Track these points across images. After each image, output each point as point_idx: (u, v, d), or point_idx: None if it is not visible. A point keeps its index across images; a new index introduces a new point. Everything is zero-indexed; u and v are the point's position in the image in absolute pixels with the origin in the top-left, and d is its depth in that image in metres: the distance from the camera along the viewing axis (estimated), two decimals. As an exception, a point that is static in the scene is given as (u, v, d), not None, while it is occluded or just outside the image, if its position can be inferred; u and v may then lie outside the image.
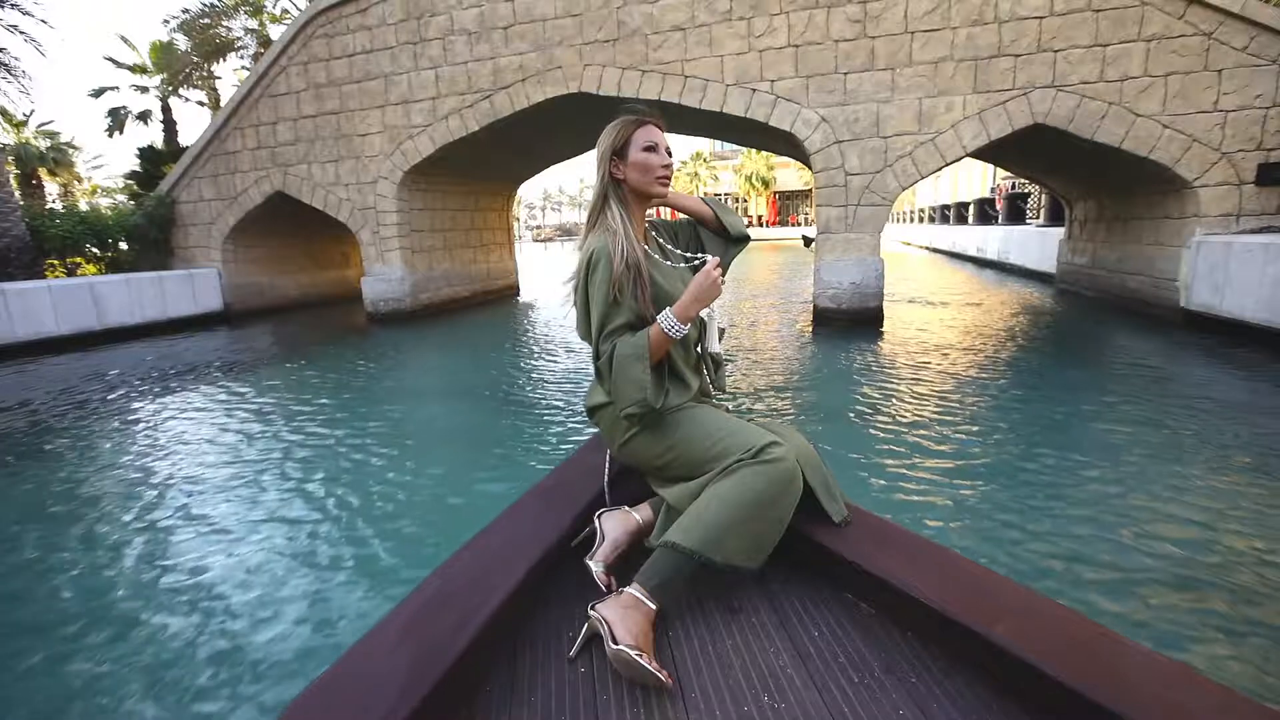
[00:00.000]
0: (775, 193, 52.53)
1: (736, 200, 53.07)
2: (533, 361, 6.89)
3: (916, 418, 4.27)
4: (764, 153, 43.52)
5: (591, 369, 1.47)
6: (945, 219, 24.35)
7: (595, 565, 1.31)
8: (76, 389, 6.35)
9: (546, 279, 17.63)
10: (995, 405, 4.59)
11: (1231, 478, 3.18)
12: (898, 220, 37.08)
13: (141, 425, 5.00)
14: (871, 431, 4.05)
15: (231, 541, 2.94)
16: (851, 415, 4.42)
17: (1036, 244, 13.16)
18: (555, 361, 6.75)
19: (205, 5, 16.75)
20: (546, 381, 5.92)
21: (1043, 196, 15.02)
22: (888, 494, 3.12)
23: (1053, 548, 2.57)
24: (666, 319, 1.29)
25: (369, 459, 3.98)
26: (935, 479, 3.28)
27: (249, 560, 2.76)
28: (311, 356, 7.62)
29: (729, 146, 45.42)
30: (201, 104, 19.30)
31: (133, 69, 18.10)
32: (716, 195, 33.36)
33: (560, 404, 5.05)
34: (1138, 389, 4.87)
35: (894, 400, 4.71)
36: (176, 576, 2.67)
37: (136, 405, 5.62)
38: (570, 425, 4.44)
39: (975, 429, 4.06)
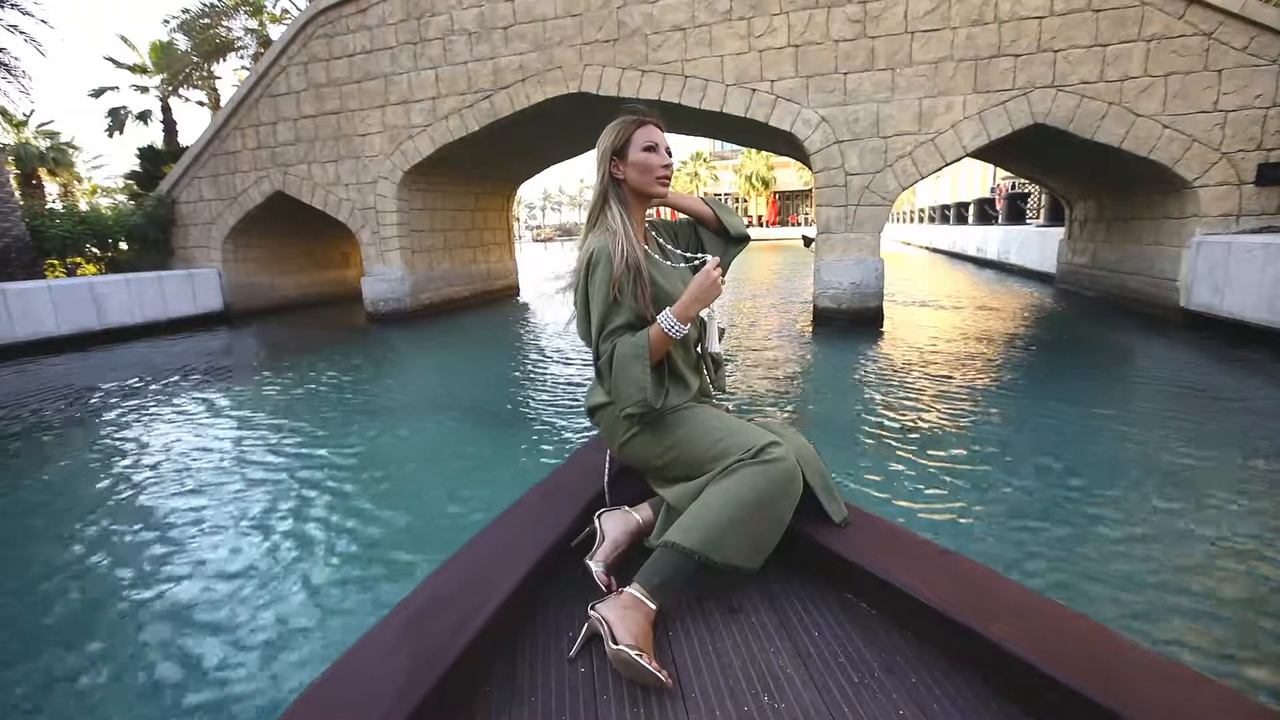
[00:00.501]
0: (775, 193, 52.54)
1: (736, 200, 53.07)
2: (532, 362, 6.88)
3: (917, 418, 4.27)
4: (764, 153, 43.52)
5: (591, 369, 1.46)
6: (945, 219, 24.34)
7: (595, 565, 1.31)
8: (63, 391, 6.35)
9: (546, 279, 17.60)
10: (998, 407, 4.59)
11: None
12: (898, 220, 37.08)
13: (134, 431, 5.00)
14: (872, 432, 4.05)
15: (218, 552, 2.91)
16: (852, 415, 4.42)
17: (1036, 244, 13.16)
18: (554, 362, 6.75)
19: (205, 5, 16.74)
20: (546, 381, 5.91)
21: (1043, 196, 15.02)
22: (888, 494, 3.12)
23: (1059, 548, 2.58)
24: (666, 319, 1.29)
25: (359, 468, 3.97)
26: (937, 480, 3.28)
27: (235, 568, 2.76)
28: (313, 358, 7.61)
29: (729, 146, 45.40)
30: (201, 104, 19.30)
31: (133, 69, 18.10)
32: (716, 195, 33.35)
33: (560, 405, 5.05)
34: (1153, 394, 4.87)
35: (895, 400, 4.71)
36: (161, 584, 2.67)
37: (131, 410, 5.61)
38: (570, 426, 4.43)
39: (976, 429, 4.06)
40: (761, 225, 51.04)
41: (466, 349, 8.22)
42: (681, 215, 1.67)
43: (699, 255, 1.56)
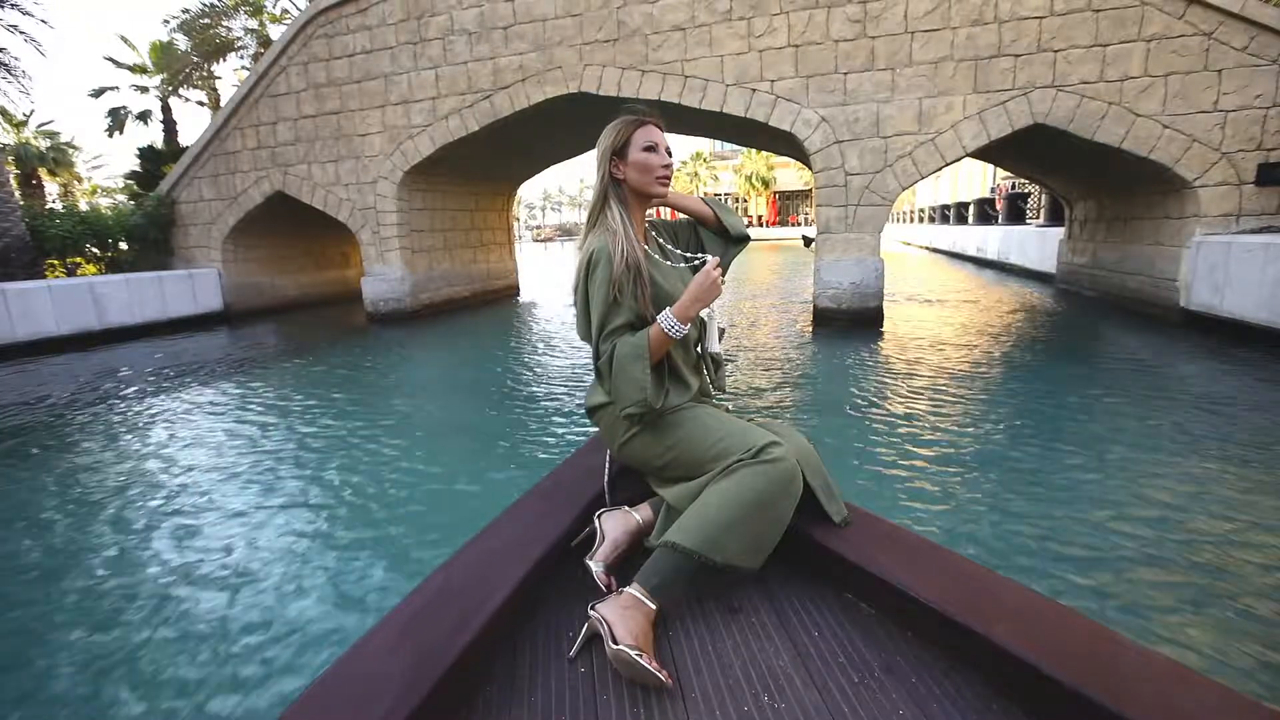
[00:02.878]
0: (775, 193, 52.53)
1: (736, 200, 53.06)
2: (532, 362, 6.88)
3: (918, 419, 4.27)
4: (764, 153, 43.52)
5: (591, 369, 1.46)
6: (945, 219, 24.35)
7: (595, 565, 1.31)
8: (63, 392, 6.35)
9: (546, 279, 17.62)
10: (998, 408, 4.59)
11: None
12: (898, 220, 37.08)
13: (133, 431, 5.00)
14: (873, 432, 4.05)
15: (215, 550, 2.91)
16: (852, 416, 4.42)
17: (1036, 244, 13.16)
18: (554, 363, 6.75)
19: (205, 5, 16.75)
20: (546, 382, 5.91)
21: (1043, 196, 15.02)
22: (889, 495, 3.12)
23: (1059, 549, 2.58)
24: (666, 319, 1.29)
25: (367, 464, 3.97)
26: (937, 481, 3.28)
27: (229, 568, 2.76)
28: (312, 358, 7.61)
29: (729, 146, 45.44)
30: (201, 104, 19.31)
31: (133, 69, 18.10)
32: (716, 195, 33.36)
33: (560, 405, 5.05)
34: (1155, 394, 4.87)
35: (895, 401, 4.71)
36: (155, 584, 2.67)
37: (129, 411, 5.61)
38: (570, 427, 4.43)
39: (976, 430, 4.06)
40: (761, 225, 51.03)
41: (467, 349, 8.22)
42: (681, 215, 1.67)
43: (699, 255, 1.56)
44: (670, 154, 1.45)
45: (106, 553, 2.94)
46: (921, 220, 31.09)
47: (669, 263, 1.50)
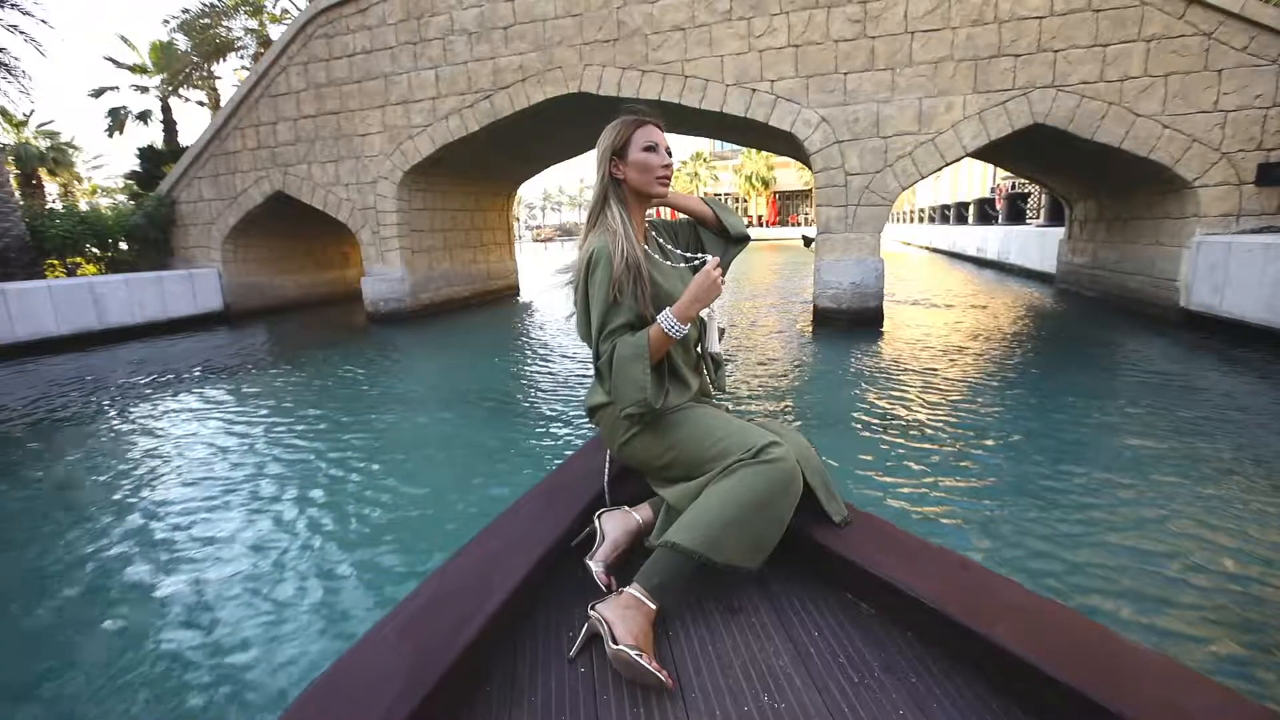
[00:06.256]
0: (775, 193, 52.53)
1: (736, 200, 53.06)
2: (532, 362, 6.88)
3: (918, 419, 4.27)
4: (764, 153, 43.52)
5: (591, 369, 1.46)
6: (945, 219, 24.35)
7: (595, 565, 1.31)
8: (64, 392, 6.35)
9: (546, 279, 17.61)
10: (998, 407, 4.59)
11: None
12: (897, 220, 37.07)
13: (133, 430, 5.00)
14: (872, 433, 4.05)
15: (214, 553, 2.90)
16: (852, 416, 4.42)
17: (1036, 244, 13.16)
18: (554, 363, 6.75)
19: (205, 5, 16.75)
20: (546, 382, 5.91)
21: (1043, 196, 15.02)
22: (889, 494, 3.12)
23: (1061, 551, 2.58)
24: (666, 319, 1.29)
25: (365, 464, 3.97)
26: (937, 481, 3.28)
27: (234, 572, 2.76)
28: (312, 358, 7.61)
29: (729, 146, 45.41)
30: (201, 104, 19.31)
31: (133, 69, 18.11)
32: (716, 195, 33.36)
33: (560, 405, 5.04)
34: (1151, 393, 4.87)
35: (895, 401, 4.71)
36: (161, 585, 2.67)
37: (130, 410, 5.61)
38: (570, 426, 4.43)
39: (976, 429, 4.06)
40: (761, 225, 51.03)
41: (467, 349, 8.22)
42: (681, 215, 1.67)
43: (699, 255, 1.56)
44: (670, 154, 1.45)
45: (97, 558, 2.94)
46: (921, 220, 31.08)
47: (669, 263, 1.50)
